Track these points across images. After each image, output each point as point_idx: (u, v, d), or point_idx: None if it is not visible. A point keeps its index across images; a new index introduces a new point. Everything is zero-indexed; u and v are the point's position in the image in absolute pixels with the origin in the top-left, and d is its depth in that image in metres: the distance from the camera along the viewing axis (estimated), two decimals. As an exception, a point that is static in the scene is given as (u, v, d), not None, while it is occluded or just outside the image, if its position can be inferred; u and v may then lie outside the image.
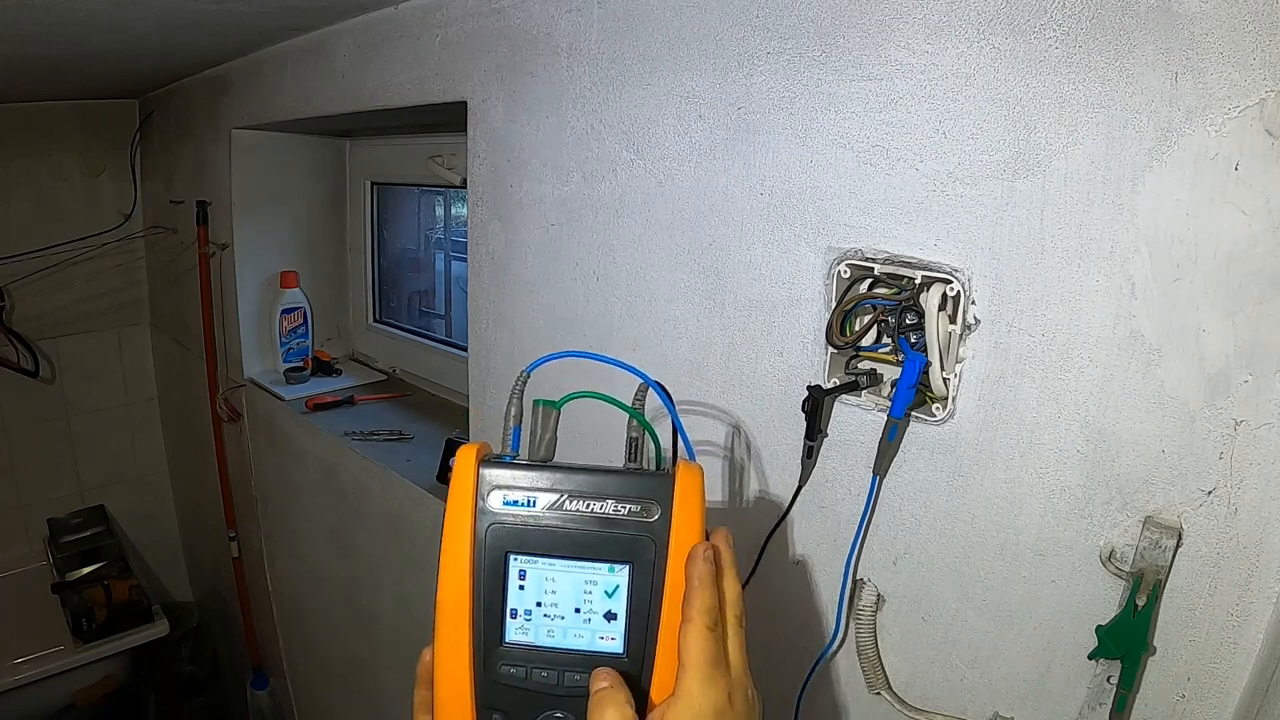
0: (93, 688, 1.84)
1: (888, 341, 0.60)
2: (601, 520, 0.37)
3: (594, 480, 0.37)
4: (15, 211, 1.90)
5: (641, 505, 0.37)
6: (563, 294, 0.85)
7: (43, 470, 2.11)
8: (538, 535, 0.37)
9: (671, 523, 0.37)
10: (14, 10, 0.94)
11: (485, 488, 0.37)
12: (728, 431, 0.71)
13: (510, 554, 0.37)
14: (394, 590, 1.30)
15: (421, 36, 0.97)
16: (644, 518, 0.37)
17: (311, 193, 1.62)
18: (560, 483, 0.37)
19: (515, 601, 0.37)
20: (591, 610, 0.37)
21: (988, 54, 0.51)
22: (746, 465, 0.70)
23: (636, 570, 0.37)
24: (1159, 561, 0.48)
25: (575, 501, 0.37)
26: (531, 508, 0.37)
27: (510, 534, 0.37)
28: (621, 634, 0.37)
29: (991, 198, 0.52)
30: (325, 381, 1.60)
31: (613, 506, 0.37)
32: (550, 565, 0.37)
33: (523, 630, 0.37)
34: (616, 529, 0.37)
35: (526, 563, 0.37)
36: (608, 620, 0.37)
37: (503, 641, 0.37)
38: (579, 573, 0.37)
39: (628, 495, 0.37)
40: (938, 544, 0.59)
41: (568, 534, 0.37)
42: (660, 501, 0.37)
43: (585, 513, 0.37)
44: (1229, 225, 0.43)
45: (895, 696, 0.63)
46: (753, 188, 0.65)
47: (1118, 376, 0.48)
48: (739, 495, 0.72)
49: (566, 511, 0.37)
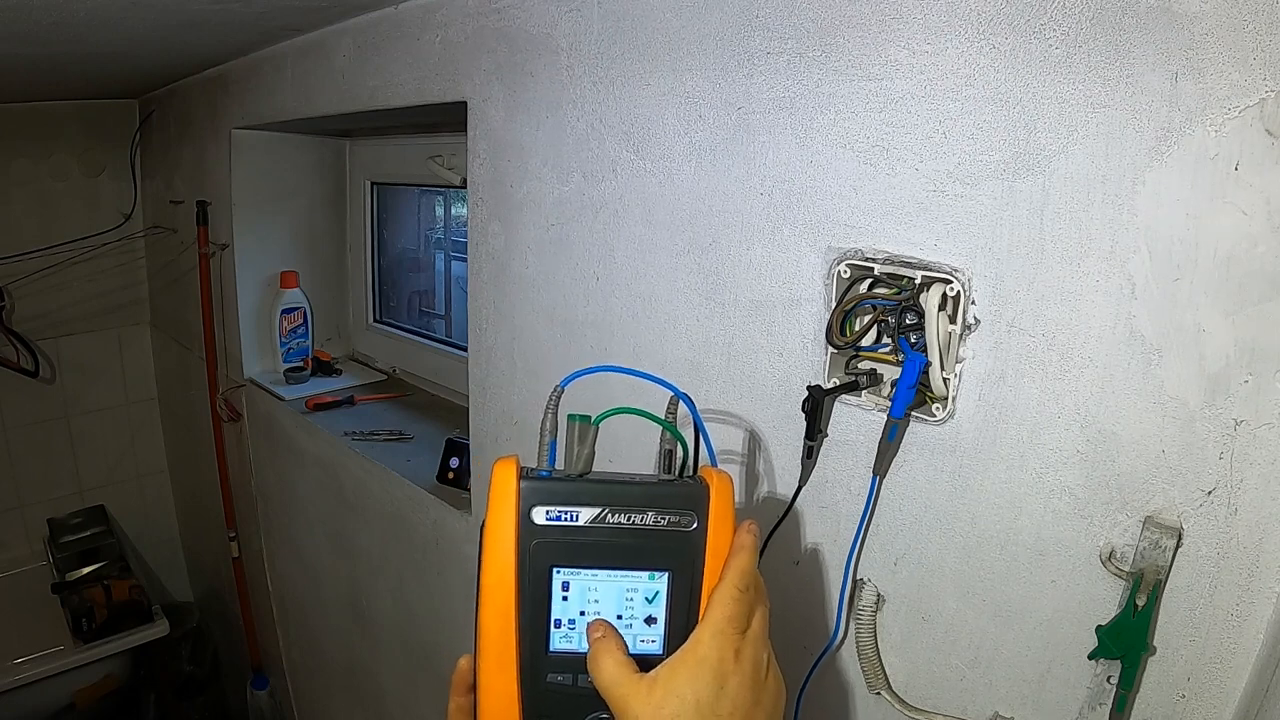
0: (93, 688, 1.83)
1: (888, 341, 0.60)
2: (642, 531, 0.38)
3: (635, 492, 0.39)
4: (15, 211, 1.90)
5: (679, 515, 0.39)
6: (563, 294, 0.85)
7: (43, 470, 2.11)
8: (582, 548, 0.38)
9: (708, 530, 0.39)
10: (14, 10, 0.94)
11: (527, 502, 0.38)
12: (727, 432, 0.71)
13: (555, 567, 0.38)
14: (394, 590, 1.30)
15: (421, 36, 0.97)
16: (682, 527, 0.39)
17: (311, 193, 1.62)
18: (602, 496, 0.39)
19: (559, 612, 0.39)
20: (633, 615, 0.39)
21: (988, 54, 0.51)
22: (747, 465, 0.70)
23: (676, 576, 0.39)
24: (1159, 561, 0.48)
25: (618, 514, 0.38)
26: (575, 521, 0.38)
27: (555, 548, 0.38)
28: (661, 636, 0.39)
29: (991, 198, 0.52)
30: (325, 381, 1.60)
31: (653, 517, 0.38)
32: (594, 576, 0.39)
33: (566, 639, 0.39)
34: (656, 539, 0.38)
35: (570, 574, 0.39)
36: (648, 624, 0.39)
37: (548, 651, 0.39)
38: (621, 581, 0.39)
39: (667, 505, 0.39)
40: (938, 544, 0.59)
41: (611, 545, 0.38)
42: (697, 510, 0.39)
43: (626, 525, 0.38)
44: (1229, 225, 0.43)
45: (895, 696, 0.63)
46: (753, 188, 0.65)
47: (1118, 376, 0.48)
48: (739, 496, 0.71)
49: (609, 524, 0.38)
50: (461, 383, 1.19)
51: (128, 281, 2.12)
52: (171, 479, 2.35)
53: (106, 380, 2.17)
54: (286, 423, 1.51)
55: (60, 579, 1.87)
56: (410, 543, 1.21)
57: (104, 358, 2.15)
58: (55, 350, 2.05)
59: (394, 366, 1.65)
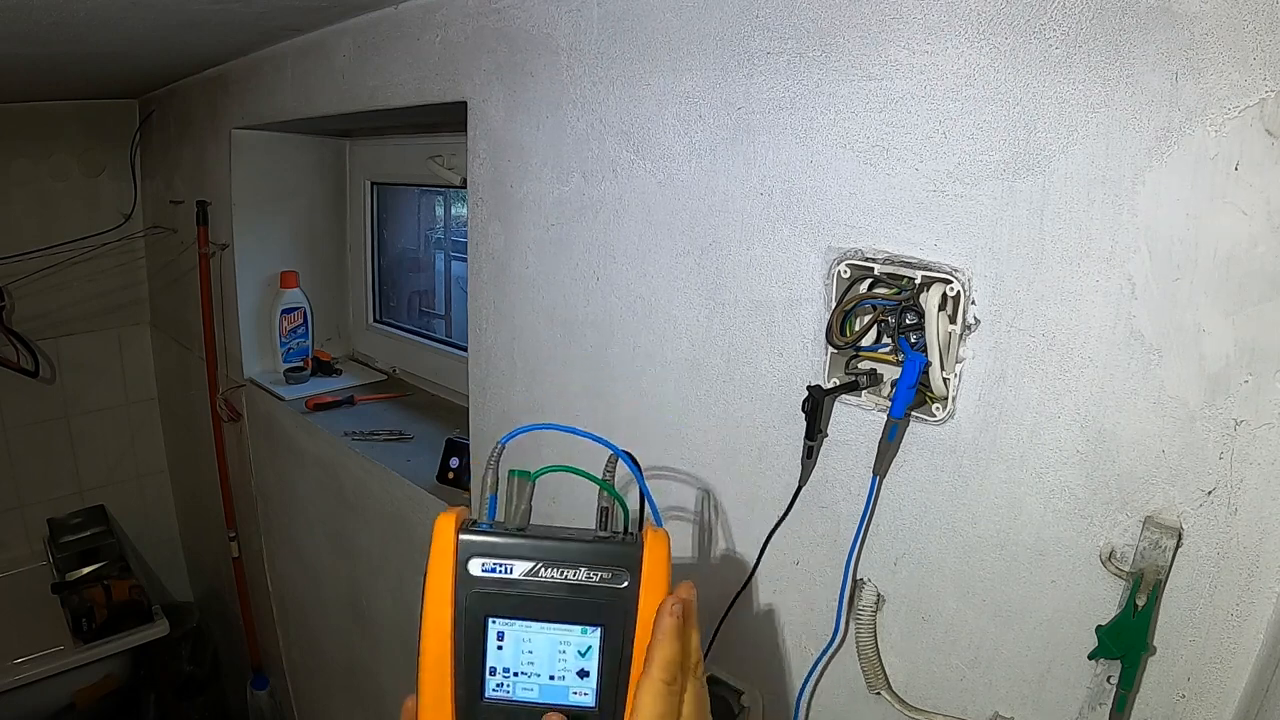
0: (93, 688, 1.83)
1: (888, 341, 0.60)
2: (574, 587, 0.39)
3: (567, 549, 0.40)
4: (15, 211, 1.90)
5: (612, 572, 0.39)
6: (563, 294, 0.85)
7: (43, 470, 2.11)
8: (515, 601, 0.39)
9: (640, 588, 0.39)
10: (14, 10, 0.94)
11: (465, 554, 0.39)
12: (725, 438, 0.71)
13: (490, 617, 0.39)
14: (394, 590, 1.30)
15: (421, 36, 0.97)
16: (614, 584, 0.39)
17: (311, 193, 1.62)
18: (536, 551, 0.39)
19: (494, 660, 0.40)
20: (566, 668, 0.40)
21: (988, 54, 0.51)
22: (746, 466, 0.70)
23: (607, 632, 0.39)
24: (1159, 561, 0.48)
25: (550, 569, 0.39)
26: (509, 574, 0.39)
27: (489, 599, 0.39)
28: (594, 689, 0.40)
29: (991, 198, 0.52)
30: (325, 381, 1.60)
31: (585, 573, 0.39)
32: (527, 627, 0.40)
33: (501, 687, 0.40)
34: (588, 594, 0.39)
35: (504, 625, 0.40)
36: (581, 677, 0.40)
37: (483, 697, 0.40)
38: (554, 634, 0.39)
39: (599, 562, 0.39)
40: (938, 544, 0.59)
41: (543, 599, 0.39)
42: (630, 568, 0.39)
43: (559, 580, 0.39)
44: (1229, 225, 0.43)
45: (895, 696, 0.63)
46: (753, 188, 0.65)
47: (1118, 376, 0.48)
48: (739, 496, 0.72)
49: (542, 579, 0.39)
50: (461, 383, 1.19)
51: (128, 281, 2.12)
52: (171, 479, 2.35)
53: (106, 380, 2.17)
54: (286, 423, 1.51)
55: (60, 579, 1.87)
56: (410, 543, 1.21)
57: (104, 358, 2.15)
58: (55, 350, 2.05)
59: (394, 366, 1.65)
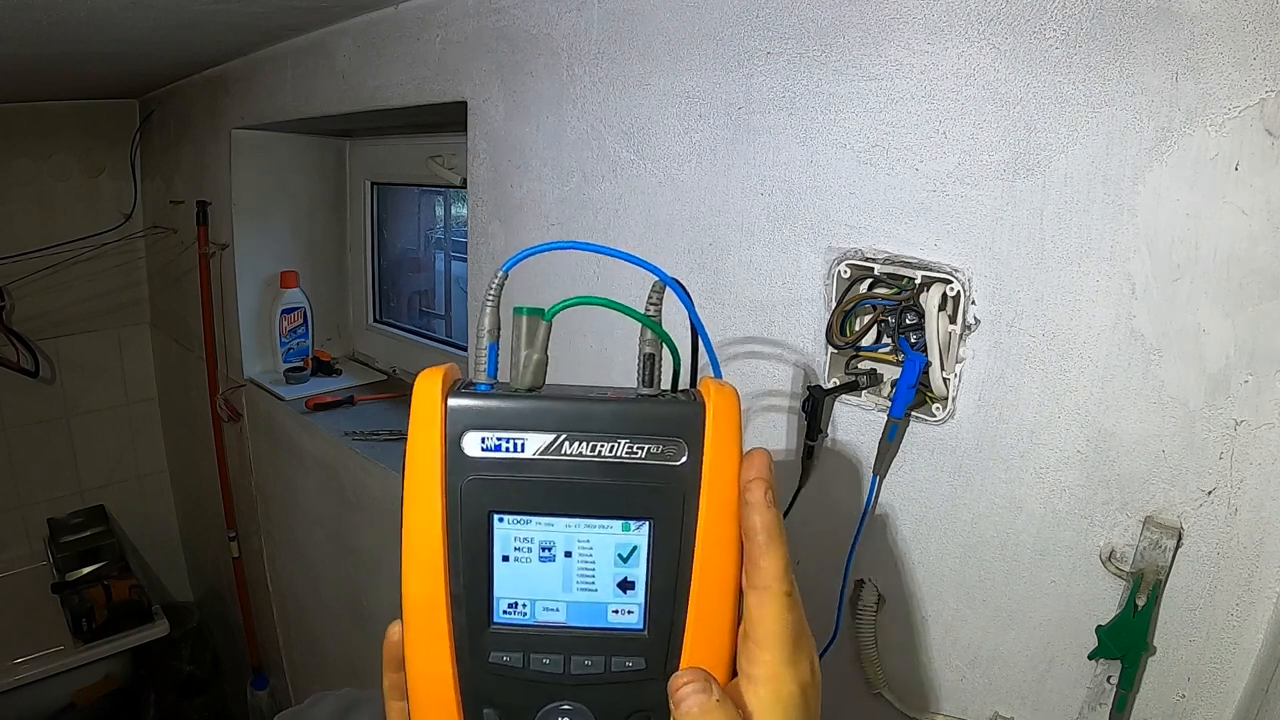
0: (93, 688, 1.83)
1: (888, 341, 0.60)
2: (611, 466, 0.29)
3: (599, 413, 0.29)
4: (15, 211, 1.90)
5: (662, 444, 0.28)
6: (562, 294, 0.85)
7: (43, 470, 2.11)
8: (530, 488, 0.29)
9: (704, 464, 0.28)
10: (14, 10, 0.94)
11: (457, 428, 0.29)
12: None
13: (495, 514, 0.29)
14: (394, 590, 1.29)
15: (421, 36, 0.97)
16: (667, 460, 0.28)
17: (311, 193, 1.62)
18: (556, 418, 0.29)
19: (504, 572, 0.30)
20: (602, 580, 0.30)
21: (988, 54, 0.51)
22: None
23: (659, 527, 0.29)
24: (1159, 561, 0.48)
25: (576, 443, 0.29)
26: (519, 452, 0.29)
27: (494, 488, 0.29)
28: (640, 606, 0.30)
29: (991, 198, 0.52)
30: (325, 381, 1.59)
31: (626, 446, 0.28)
32: (548, 526, 0.29)
33: (516, 608, 0.30)
34: (632, 476, 0.29)
35: (517, 523, 0.29)
36: (623, 590, 0.30)
37: (491, 623, 0.30)
38: (585, 533, 0.29)
39: (645, 430, 0.29)
40: (938, 544, 0.59)
41: (569, 485, 0.29)
42: (688, 437, 0.29)
43: (591, 457, 0.29)
44: (1229, 225, 0.43)
45: (895, 696, 0.63)
46: (753, 188, 0.65)
47: (1118, 376, 0.48)
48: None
49: (565, 456, 0.29)
50: (461, 383, 1.19)
51: (128, 281, 2.12)
52: (171, 479, 2.35)
53: (106, 380, 2.17)
54: (286, 423, 1.51)
55: (60, 579, 1.87)
56: (410, 543, 1.21)
57: (104, 358, 2.15)
58: (55, 350, 2.05)
59: (394, 366, 1.65)
